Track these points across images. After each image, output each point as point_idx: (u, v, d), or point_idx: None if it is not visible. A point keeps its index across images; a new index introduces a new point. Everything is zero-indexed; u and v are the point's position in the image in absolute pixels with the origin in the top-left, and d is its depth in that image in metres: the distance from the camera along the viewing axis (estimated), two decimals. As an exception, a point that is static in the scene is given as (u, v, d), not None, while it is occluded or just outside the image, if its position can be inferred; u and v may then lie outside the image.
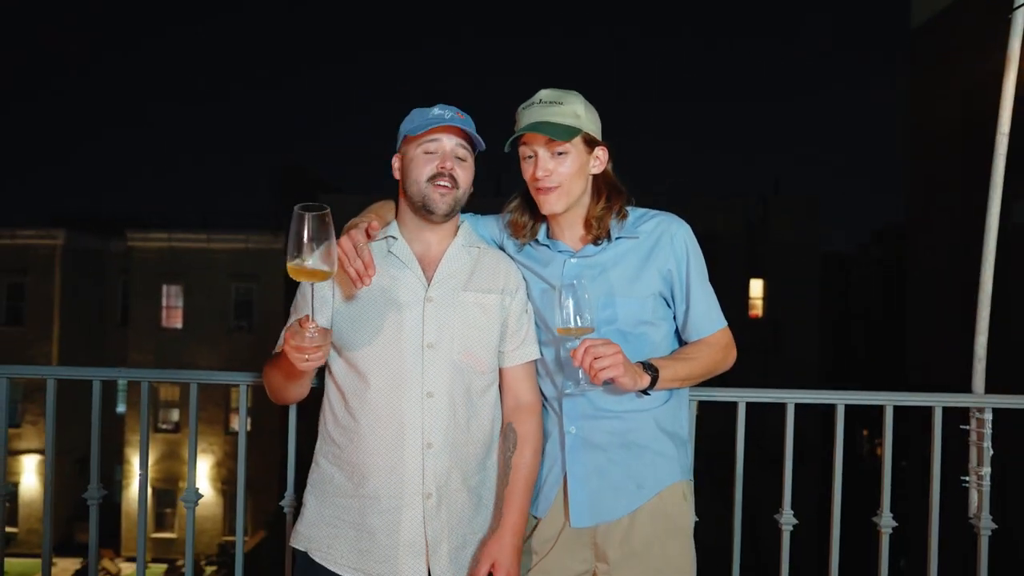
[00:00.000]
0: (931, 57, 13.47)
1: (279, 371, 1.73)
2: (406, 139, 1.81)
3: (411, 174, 1.79)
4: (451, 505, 1.73)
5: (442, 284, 1.78)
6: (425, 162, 1.77)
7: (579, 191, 1.80)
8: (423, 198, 1.77)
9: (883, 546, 2.22)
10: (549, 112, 1.74)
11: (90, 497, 2.35)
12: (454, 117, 1.77)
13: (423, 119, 1.77)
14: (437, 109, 1.78)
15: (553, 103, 1.74)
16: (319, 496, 1.79)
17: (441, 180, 1.76)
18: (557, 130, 1.72)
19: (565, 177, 1.76)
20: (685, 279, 1.82)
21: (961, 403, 2.24)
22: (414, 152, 1.79)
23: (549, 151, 1.75)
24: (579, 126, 1.75)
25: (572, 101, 1.76)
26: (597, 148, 1.81)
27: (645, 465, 1.80)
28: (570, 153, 1.76)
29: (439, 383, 1.72)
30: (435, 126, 1.74)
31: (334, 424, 1.79)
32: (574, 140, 1.75)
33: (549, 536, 1.81)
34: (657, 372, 1.71)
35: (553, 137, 1.72)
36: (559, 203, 1.78)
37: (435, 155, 1.77)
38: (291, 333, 1.50)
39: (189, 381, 2.36)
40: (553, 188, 1.76)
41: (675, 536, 1.80)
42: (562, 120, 1.73)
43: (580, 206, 1.84)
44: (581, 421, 1.80)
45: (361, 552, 1.71)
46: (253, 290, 21.00)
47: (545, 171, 1.75)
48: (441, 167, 1.76)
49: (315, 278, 1.47)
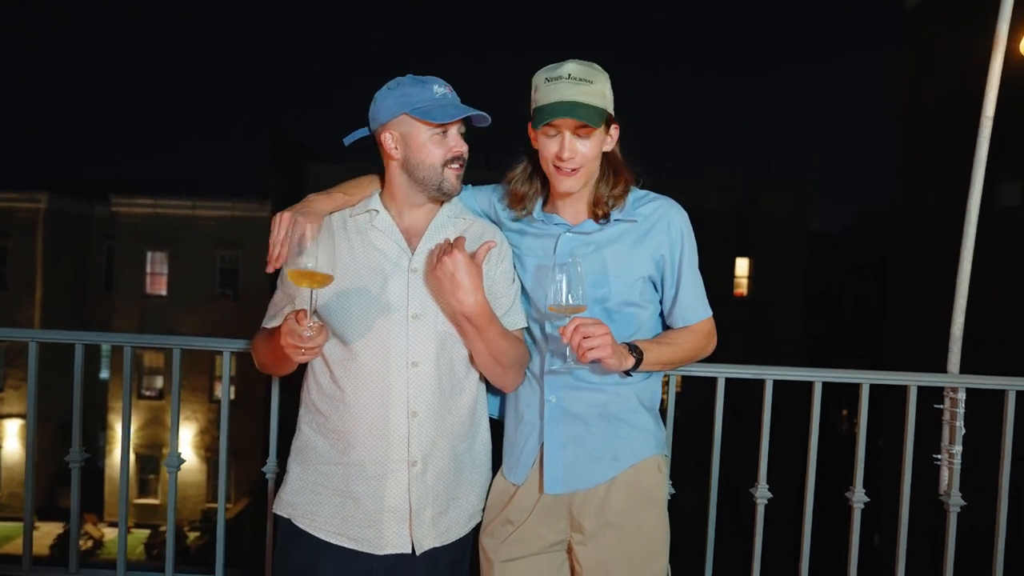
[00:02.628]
0: (923, 39, 13.47)
1: (270, 352, 1.73)
2: (407, 117, 1.74)
3: (422, 156, 1.75)
4: (436, 472, 1.75)
5: (426, 255, 1.78)
6: (437, 144, 1.74)
7: (595, 171, 1.79)
8: (440, 181, 1.75)
9: (854, 520, 2.26)
10: (581, 92, 1.68)
11: (72, 460, 2.35)
12: (456, 98, 1.75)
13: (431, 100, 1.72)
14: (437, 86, 1.73)
15: (583, 80, 1.69)
16: (302, 463, 1.81)
17: (455, 163, 1.76)
18: (592, 115, 1.68)
19: (588, 159, 1.73)
20: (677, 266, 1.82)
21: (935, 383, 2.27)
22: (422, 135, 1.73)
23: (576, 133, 1.71)
24: (606, 107, 1.72)
25: (601, 80, 1.71)
26: (612, 126, 1.78)
27: (622, 437, 1.82)
28: (593, 135, 1.72)
29: (424, 353, 1.73)
30: (453, 119, 1.71)
31: (318, 393, 1.80)
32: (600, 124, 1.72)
33: (526, 506, 1.83)
34: (642, 355, 1.72)
35: (589, 124, 1.68)
36: (578, 183, 1.76)
37: (447, 137, 1.75)
38: (287, 330, 1.51)
39: (172, 347, 2.36)
40: (577, 169, 1.73)
41: (650, 507, 1.82)
42: (593, 102, 1.69)
43: (591, 184, 1.81)
44: (562, 391, 1.81)
45: (345, 518, 1.74)
46: (239, 258, 20.89)
47: (572, 152, 1.71)
48: (457, 151, 1.75)
49: (315, 282, 1.49)
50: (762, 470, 2.27)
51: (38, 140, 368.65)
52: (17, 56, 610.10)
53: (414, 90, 1.72)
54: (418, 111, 1.71)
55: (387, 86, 1.76)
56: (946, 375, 2.28)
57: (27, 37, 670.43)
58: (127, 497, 2.40)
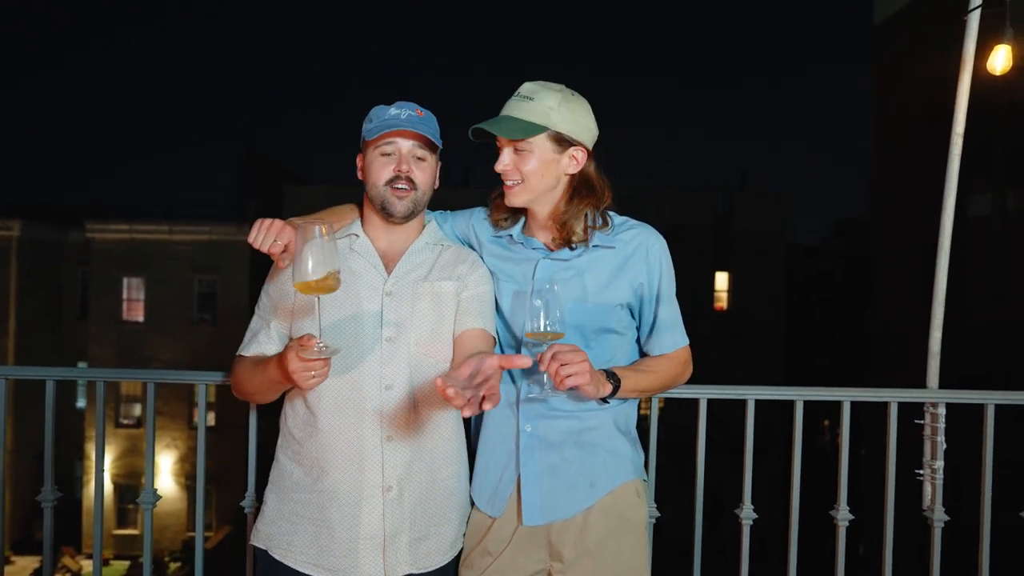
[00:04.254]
0: (892, 54, 13.71)
1: (266, 379, 1.67)
2: (365, 142, 1.79)
3: (370, 177, 1.79)
4: (414, 497, 1.73)
5: (402, 279, 1.78)
6: (382, 165, 1.77)
7: (545, 188, 1.78)
8: (382, 201, 1.77)
9: (840, 539, 2.26)
10: (517, 107, 1.73)
11: (44, 500, 2.29)
12: (411, 117, 1.75)
13: (379, 121, 1.76)
14: (394, 108, 1.76)
15: (526, 98, 1.73)
16: (278, 493, 1.79)
17: (398, 183, 1.76)
18: (512, 127, 1.71)
19: (527, 174, 1.75)
20: (655, 294, 1.82)
21: (916, 398, 2.29)
22: (372, 155, 1.78)
23: (511, 146, 1.75)
24: (546, 124, 1.72)
25: (546, 97, 1.73)
26: (573, 148, 1.77)
27: (598, 464, 1.81)
28: (533, 151, 1.74)
29: (398, 376, 1.71)
30: (389, 130, 1.73)
31: (294, 419, 1.78)
32: (537, 138, 1.73)
33: (504, 536, 1.81)
34: (619, 382, 1.72)
35: (501, 135, 1.73)
36: (519, 198, 1.78)
37: (392, 157, 1.76)
38: (295, 353, 1.48)
39: (146, 380, 2.31)
40: (515, 184, 1.76)
41: (629, 534, 1.81)
42: (527, 117, 1.71)
43: (549, 204, 1.82)
44: (537, 420, 1.80)
45: (320, 548, 1.71)
46: (216, 282, 20.66)
47: (504, 165, 1.76)
48: (397, 170, 1.75)
49: (322, 291, 1.48)
50: (746, 490, 2.26)
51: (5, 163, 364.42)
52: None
53: (375, 115, 1.77)
54: (368, 132, 1.76)
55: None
56: (926, 390, 2.29)
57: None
58: (102, 537, 2.34)
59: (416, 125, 1.74)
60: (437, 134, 1.79)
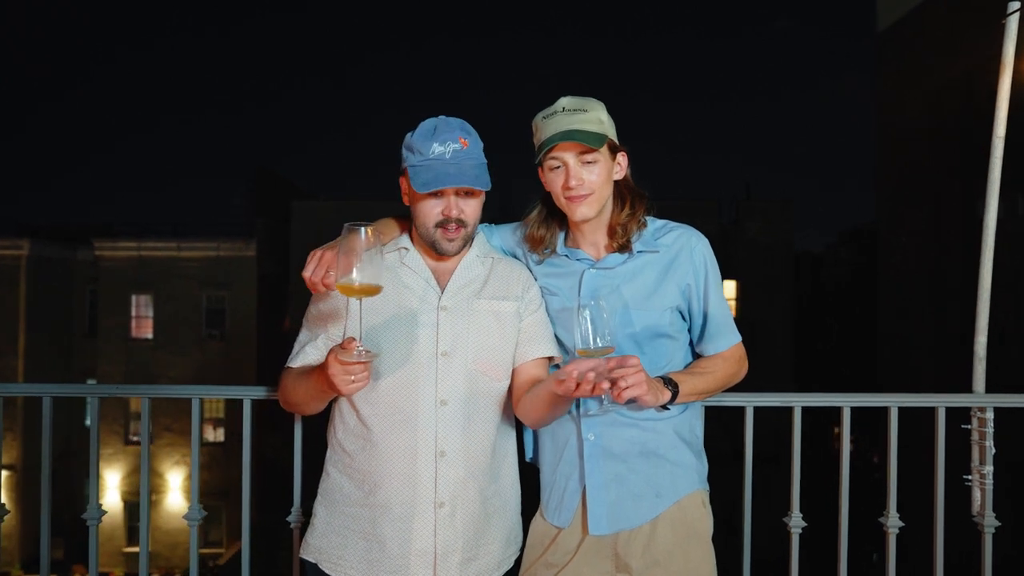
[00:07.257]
0: (898, 60, 13.74)
1: (311, 387, 1.67)
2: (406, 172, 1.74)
3: (418, 215, 1.75)
4: (466, 515, 1.71)
5: (456, 293, 1.77)
6: (431, 207, 1.72)
7: (607, 196, 1.80)
8: (432, 241, 1.75)
9: (890, 546, 2.23)
10: (576, 120, 1.72)
11: (89, 518, 2.28)
12: (456, 155, 1.67)
13: (423, 161, 1.68)
14: (437, 145, 1.68)
15: (578, 111, 1.73)
16: (328, 506, 1.78)
17: (448, 226, 1.72)
18: (590, 137, 1.71)
19: (596, 185, 1.75)
20: (703, 294, 1.82)
21: (964, 403, 2.26)
22: (419, 195, 1.72)
23: (579, 160, 1.74)
24: (605, 132, 1.75)
25: (595, 108, 1.75)
26: (619, 154, 1.81)
27: (664, 474, 1.80)
28: (599, 161, 1.75)
29: (453, 391, 1.70)
30: (425, 190, 1.66)
31: (344, 432, 1.77)
32: (602, 148, 1.74)
33: (569, 548, 1.80)
34: (677, 387, 1.71)
35: (587, 144, 1.71)
36: (591, 209, 1.77)
37: (440, 199, 1.71)
38: (335, 357, 1.47)
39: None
40: (586, 196, 1.75)
41: (697, 545, 1.80)
42: (590, 127, 1.72)
43: (607, 212, 1.83)
44: (600, 428, 1.79)
45: (371, 563, 1.70)
46: (225, 298, 20.70)
47: (578, 180, 1.74)
48: (446, 214, 1.72)
49: (366, 294, 1.46)
50: (795, 498, 2.24)
51: (17, 183, 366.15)
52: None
53: (418, 142, 1.70)
54: (413, 175, 1.70)
55: (413, 130, 1.75)
56: (973, 395, 2.27)
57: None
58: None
59: (465, 174, 1.67)
60: (485, 168, 1.73)
